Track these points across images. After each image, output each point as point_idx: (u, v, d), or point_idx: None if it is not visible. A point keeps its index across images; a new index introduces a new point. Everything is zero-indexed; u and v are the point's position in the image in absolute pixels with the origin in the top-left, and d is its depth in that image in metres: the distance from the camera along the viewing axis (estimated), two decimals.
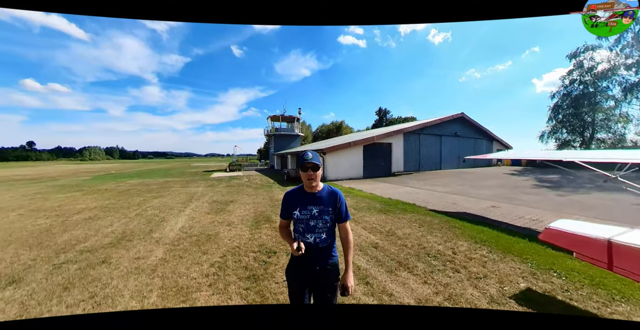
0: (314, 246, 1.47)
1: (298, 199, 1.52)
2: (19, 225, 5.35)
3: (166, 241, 4.18)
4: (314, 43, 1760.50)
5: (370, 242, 4.02)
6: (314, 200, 1.49)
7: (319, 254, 1.50)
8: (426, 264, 3.20)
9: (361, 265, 3.20)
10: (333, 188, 1.57)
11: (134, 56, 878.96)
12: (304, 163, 1.44)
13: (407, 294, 2.55)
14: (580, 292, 2.54)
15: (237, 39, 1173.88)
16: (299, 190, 1.56)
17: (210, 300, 2.46)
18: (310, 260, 1.48)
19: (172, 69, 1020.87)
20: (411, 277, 2.88)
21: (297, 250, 1.37)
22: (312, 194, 1.51)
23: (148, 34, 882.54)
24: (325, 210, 1.49)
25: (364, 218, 5.49)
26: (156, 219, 5.65)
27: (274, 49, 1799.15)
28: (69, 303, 2.45)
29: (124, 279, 2.91)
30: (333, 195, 1.54)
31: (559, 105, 22.50)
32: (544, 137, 23.92)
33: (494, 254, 3.46)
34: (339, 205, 1.53)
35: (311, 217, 1.48)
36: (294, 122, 25.78)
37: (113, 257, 3.56)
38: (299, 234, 1.51)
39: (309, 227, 1.48)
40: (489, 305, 2.35)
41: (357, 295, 2.55)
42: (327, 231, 1.51)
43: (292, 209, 1.52)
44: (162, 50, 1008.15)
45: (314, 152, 1.48)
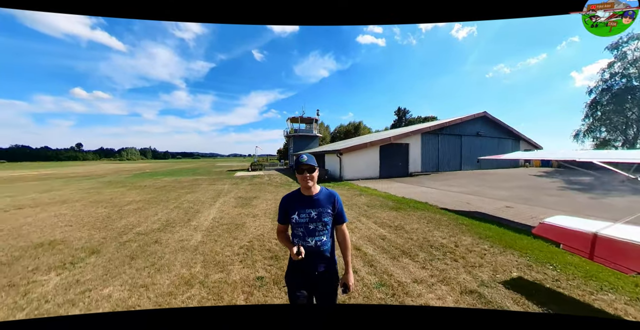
0: (315, 249, 1.45)
1: (296, 202, 1.50)
2: (86, 213, 6.49)
3: (202, 228, 4.93)
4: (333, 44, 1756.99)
5: (378, 235, 4.42)
6: (312, 203, 1.48)
7: (320, 257, 1.48)
8: (427, 254, 3.55)
9: (368, 252, 3.64)
10: (330, 190, 1.58)
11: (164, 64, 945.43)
12: (299, 165, 1.45)
13: (406, 275, 2.95)
14: (570, 282, 2.76)
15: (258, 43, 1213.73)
16: (296, 194, 1.54)
17: (241, 271, 3.07)
18: (310, 265, 1.46)
19: (198, 74, 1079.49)
20: (411, 263, 3.26)
21: (297, 255, 1.35)
22: (310, 196, 1.50)
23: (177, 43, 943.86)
24: (324, 212, 1.48)
25: (375, 214, 5.87)
26: (192, 211, 6.51)
27: (293, 51, 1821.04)
28: (137, 267, 3.20)
29: (173, 254, 3.63)
30: (331, 197, 1.53)
31: (597, 101, 20.75)
32: (579, 136, 22.20)
33: (494, 248, 3.70)
34: (337, 207, 1.53)
35: (310, 221, 1.47)
36: (312, 124, 26.53)
37: (162, 238, 4.35)
38: (299, 238, 1.49)
39: (308, 231, 1.46)
40: (479, 288, 2.68)
41: (363, 274, 3.00)
42: (327, 234, 1.50)
43: (291, 213, 1.49)
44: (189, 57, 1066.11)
45: (309, 155, 1.49)
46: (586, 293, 2.56)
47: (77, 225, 5.33)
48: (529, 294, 2.55)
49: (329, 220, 1.50)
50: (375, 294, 2.56)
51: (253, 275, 2.96)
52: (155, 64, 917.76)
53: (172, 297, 2.54)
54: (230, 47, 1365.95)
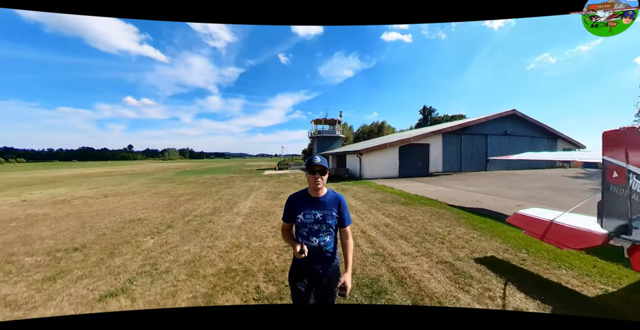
0: (317, 250, 1.48)
1: (302, 203, 1.53)
2: (153, 201, 8.28)
3: (242, 214, 6.22)
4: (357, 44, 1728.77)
5: (383, 223, 5.26)
6: (318, 205, 1.51)
7: (322, 257, 1.51)
8: (420, 238, 4.32)
9: (371, 234, 4.52)
10: (336, 193, 1.61)
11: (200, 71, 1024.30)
12: (312, 166, 1.48)
13: (397, 250, 3.79)
14: (535, 262, 3.36)
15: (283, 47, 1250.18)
16: (303, 194, 1.58)
17: (273, 242, 4.17)
18: (313, 264, 1.49)
19: (229, 80, 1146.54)
20: (404, 243, 4.08)
21: (300, 253, 1.38)
22: (316, 198, 1.53)
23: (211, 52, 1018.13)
24: (329, 215, 1.50)
25: (385, 208, 6.66)
26: (232, 201, 7.93)
27: (317, 53, 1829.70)
28: (201, 236, 4.50)
29: (224, 230, 4.90)
30: (337, 200, 1.56)
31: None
32: None
33: (482, 237, 4.33)
34: (342, 210, 1.55)
35: (315, 222, 1.49)
36: (335, 125, 27.50)
37: (214, 220, 5.70)
38: (302, 237, 1.51)
39: (312, 231, 1.49)
40: (453, 261, 3.41)
41: (363, 248, 3.90)
42: (331, 235, 1.53)
43: (297, 212, 1.52)
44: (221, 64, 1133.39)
45: (322, 157, 1.53)
46: (542, 268, 3.17)
47: (150, 209, 7.00)
48: (493, 267, 3.24)
49: (333, 223, 1.52)
50: (370, 260, 3.46)
51: (282, 245, 4.05)
52: (192, 72, 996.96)
53: (229, 253, 3.73)
54: (258, 53, 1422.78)
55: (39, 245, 4.25)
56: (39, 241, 4.44)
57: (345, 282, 1.41)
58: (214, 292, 2.66)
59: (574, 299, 2.51)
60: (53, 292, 2.72)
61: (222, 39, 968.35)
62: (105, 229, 5.11)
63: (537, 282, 2.88)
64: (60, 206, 7.70)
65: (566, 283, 2.83)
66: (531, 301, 2.44)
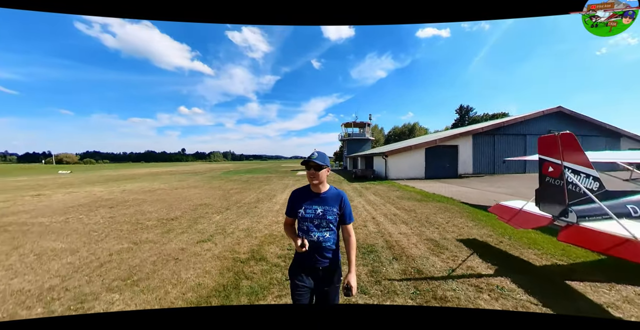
0: (317, 245, 1.51)
1: (304, 198, 1.57)
2: (211, 193, 10.50)
3: (279, 203, 7.81)
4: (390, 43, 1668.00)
5: (393, 213, 6.26)
6: (319, 200, 1.54)
7: (323, 253, 1.52)
8: (420, 224, 5.26)
9: (379, 220, 5.61)
10: (339, 190, 1.63)
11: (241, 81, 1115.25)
12: (307, 162, 1.51)
13: (395, 230, 4.83)
14: (510, 244, 4.08)
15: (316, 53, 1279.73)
16: (305, 190, 1.61)
17: None
18: (313, 260, 1.51)
19: (266, 87, 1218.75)
20: (404, 226, 5.09)
21: (300, 247, 1.43)
22: (318, 194, 1.56)
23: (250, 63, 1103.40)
24: (330, 211, 1.53)
25: (400, 202, 7.57)
26: (271, 194, 9.67)
27: (350, 56, 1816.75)
28: (251, 216, 6.14)
29: (266, 213, 6.50)
30: (338, 197, 1.58)
31: None
32: None
33: (476, 226, 5.06)
34: (343, 207, 1.57)
35: (316, 217, 1.52)
36: (364, 128, 28.27)
37: (258, 206, 7.38)
38: (303, 232, 1.54)
39: (313, 226, 1.53)
40: (439, 240, 4.34)
41: (370, 228, 5.03)
42: (331, 231, 1.55)
43: (298, 207, 1.55)
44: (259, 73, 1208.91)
45: (320, 153, 1.54)
46: (514, 248, 3.91)
47: (211, 198, 9.09)
48: (470, 244, 4.08)
49: (334, 219, 1.54)
50: (372, 235, 4.59)
51: None
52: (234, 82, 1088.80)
53: (270, 226, 5.23)
54: (292, 60, 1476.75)
55: (148, 216, 6.38)
56: (148, 214, 6.61)
57: (350, 282, 1.42)
58: (263, 244, 4.15)
59: (519, 265, 3.31)
60: (170, 238, 4.55)
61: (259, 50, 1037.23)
62: (185, 209, 7.16)
63: (500, 255, 3.68)
64: (149, 194, 10.40)
65: (524, 257, 3.59)
66: (483, 263, 3.33)
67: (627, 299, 2.46)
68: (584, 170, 3.14)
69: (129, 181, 17.57)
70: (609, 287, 2.68)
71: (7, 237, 4.82)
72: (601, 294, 2.56)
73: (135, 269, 3.30)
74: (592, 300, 2.46)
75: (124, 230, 5.10)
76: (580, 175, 3.13)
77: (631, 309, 2.31)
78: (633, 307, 2.34)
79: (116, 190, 12.23)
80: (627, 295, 2.53)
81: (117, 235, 4.77)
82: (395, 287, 2.74)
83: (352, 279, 1.44)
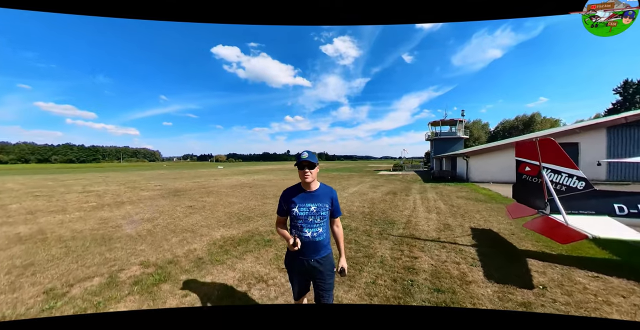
0: (311, 240, 1.59)
1: (295, 196, 1.64)
2: None
3: (350, 192, 10.35)
4: None
5: (436, 207, 7.39)
6: (311, 198, 1.63)
7: (316, 247, 1.62)
8: (451, 216, 6.30)
9: (418, 210, 7.02)
10: (328, 187, 1.74)
11: (333, 88, 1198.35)
12: (300, 162, 1.61)
13: (423, 216, 6.22)
14: (522, 237, 4.74)
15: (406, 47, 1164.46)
16: (296, 189, 1.69)
17: (359, 203, 7.83)
18: (306, 254, 1.61)
19: (356, 90, 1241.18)
20: (434, 215, 6.35)
21: (293, 246, 1.51)
22: (309, 192, 1.65)
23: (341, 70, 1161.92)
24: (323, 207, 1.62)
25: (454, 201, 8.30)
26: (345, 187, 12.42)
27: (449, 41, 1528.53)
28: None
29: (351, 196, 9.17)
30: (329, 193, 1.70)
31: None
32: None
33: (503, 221, 5.61)
34: (334, 202, 1.69)
35: (310, 214, 1.60)
36: (455, 125, 25.55)
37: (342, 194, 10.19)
38: (297, 229, 1.62)
39: (307, 223, 1.60)
40: (453, 225, 5.48)
41: (404, 213, 6.64)
42: (323, 227, 1.64)
43: (291, 206, 1.62)
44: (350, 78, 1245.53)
45: (310, 152, 1.62)
46: (520, 239, 4.63)
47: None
48: (476, 231, 5.06)
49: (327, 215, 1.65)
50: (401, 217, 6.25)
51: (357, 204, 7.61)
52: (328, 90, 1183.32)
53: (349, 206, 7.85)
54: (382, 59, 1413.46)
55: (269, 192, 10.56)
56: (269, 192, 10.83)
57: (343, 265, 1.67)
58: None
59: (503, 246, 4.25)
60: None
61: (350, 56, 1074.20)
62: None
63: (497, 239, 4.60)
64: (267, 182, 15.77)
65: (518, 245, 4.37)
66: (471, 240, 4.51)
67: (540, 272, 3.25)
68: (566, 170, 3.77)
69: (255, 174, 25.25)
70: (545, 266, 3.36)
71: (214, 196, 9.98)
72: (534, 266, 3.45)
73: (265, 212, 6.81)
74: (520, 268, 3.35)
75: (258, 197, 9.42)
76: (561, 175, 3.79)
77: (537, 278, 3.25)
78: (539, 276, 3.26)
79: (250, 178, 18.70)
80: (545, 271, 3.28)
81: (255, 199, 9.03)
82: (390, 238, 4.65)
83: (344, 262, 1.68)
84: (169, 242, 4.46)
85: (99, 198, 9.82)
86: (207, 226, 5.52)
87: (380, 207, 7.37)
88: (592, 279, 3.03)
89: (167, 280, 3.03)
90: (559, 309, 2.42)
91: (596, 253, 3.84)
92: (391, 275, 3.10)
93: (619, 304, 2.51)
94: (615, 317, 2.43)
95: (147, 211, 7.22)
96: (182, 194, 10.63)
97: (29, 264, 3.55)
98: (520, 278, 3.03)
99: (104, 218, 6.38)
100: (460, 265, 3.40)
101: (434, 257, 3.70)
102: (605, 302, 2.54)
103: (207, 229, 5.32)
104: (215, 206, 7.81)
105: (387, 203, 8.11)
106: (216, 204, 8.28)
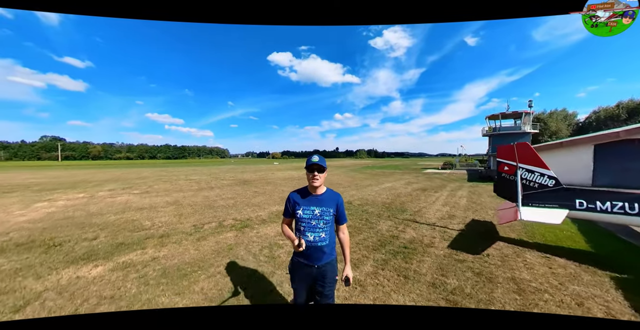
0: (314, 244, 1.61)
1: (301, 199, 1.66)
2: (346, 179, 16.20)
3: (382, 187, 11.68)
4: None
5: (455, 202, 8.14)
6: (316, 202, 1.64)
7: (319, 251, 1.63)
8: (464, 209, 7.09)
9: (437, 203, 7.96)
10: (335, 192, 1.74)
11: (384, 82, 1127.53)
12: (310, 165, 1.61)
13: (436, 208, 7.23)
14: (516, 230, 5.46)
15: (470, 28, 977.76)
16: (303, 191, 1.70)
17: (385, 196, 9.21)
18: (310, 258, 1.63)
19: (409, 82, 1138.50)
20: (447, 208, 7.25)
21: (298, 247, 1.52)
22: (315, 195, 1.66)
23: (392, 63, 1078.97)
24: (327, 212, 1.63)
25: (477, 199, 8.75)
26: (381, 182, 13.66)
27: None
28: (364, 191, 10.66)
29: (381, 190, 10.70)
30: (334, 198, 1.69)
31: None
32: None
33: None
34: (339, 208, 1.69)
35: (313, 217, 1.61)
36: (521, 118, 22.33)
37: (374, 188, 11.72)
38: (300, 232, 1.64)
39: (310, 226, 1.62)
40: (457, 215, 6.38)
41: (420, 204, 7.75)
42: (327, 231, 1.64)
43: (295, 208, 1.65)
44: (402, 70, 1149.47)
45: (320, 157, 1.62)
46: (511, 231, 5.38)
47: (344, 181, 14.60)
48: (474, 222, 5.91)
49: (330, 219, 1.65)
50: (416, 207, 7.41)
51: (382, 197, 8.97)
52: (377, 84, 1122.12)
53: (375, 197, 9.42)
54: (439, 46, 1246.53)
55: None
56: None
57: (347, 274, 1.67)
58: (388, 204, 8.50)
59: (487, 232, 5.18)
60: None
61: (401, 47, 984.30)
62: (346, 183, 13.06)
63: (488, 228, 5.45)
64: None
65: (505, 234, 5.18)
66: (458, 229, 5.53)
67: (498, 249, 4.21)
68: (539, 170, 4.52)
69: None
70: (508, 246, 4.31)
71: (272, 185, 12.85)
72: (497, 245, 4.43)
73: None
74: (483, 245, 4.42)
75: None
76: (534, 174, 4.56)
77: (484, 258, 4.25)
78: (493, 251, 4.26)
79: (300, 173, 21.56)
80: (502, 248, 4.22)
81: None
82: (395, 220, 6.05)
83: (349, 271, 1.70)
84: (246, 210, 7.05)
85: (197, 184, 13.90)
86: (267, 203, 8.03)
87: (401, 200, 8.59)
88: (539, 257, 3.68)
89: (247, 227, 5.41)
90: (482, 265, 3.30)
91: (573, 244, 4.43)
92: (379, 238, 4.67)
93: (538, 269, 3.23)
94: (521, 275, 2.96)
95: (229, 193, 10.36)
96: (249, 183, 13.95)
97: (179, 214, 6.55)
98: (473, 249, 4.08)
99: (205, 196, 9.69)
100: (435, 238, 4.65)
101: (419, 233, 5.02)
102: (526, 266, 3.33)
103: (267, 205, 7.80)
104: (272, 192, 10.48)
105: (411, 197, 9.20)
106: (273, 190, 11.01)
